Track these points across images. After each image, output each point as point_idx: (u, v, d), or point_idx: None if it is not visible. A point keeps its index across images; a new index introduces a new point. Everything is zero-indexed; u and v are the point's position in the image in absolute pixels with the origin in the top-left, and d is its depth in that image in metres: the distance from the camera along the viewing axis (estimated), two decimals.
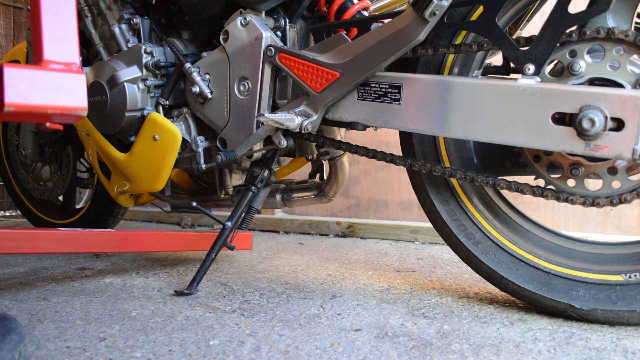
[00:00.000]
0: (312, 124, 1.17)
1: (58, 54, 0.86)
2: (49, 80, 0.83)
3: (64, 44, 0.87)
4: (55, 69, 0.85)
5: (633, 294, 0.99)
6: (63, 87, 0.84)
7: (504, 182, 1.06)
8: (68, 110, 0.84)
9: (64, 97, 0.84)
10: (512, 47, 0.99)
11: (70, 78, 0.85)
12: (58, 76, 0.84)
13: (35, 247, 1.29)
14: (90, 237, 1.36)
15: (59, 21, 0.87)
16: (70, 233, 1.33)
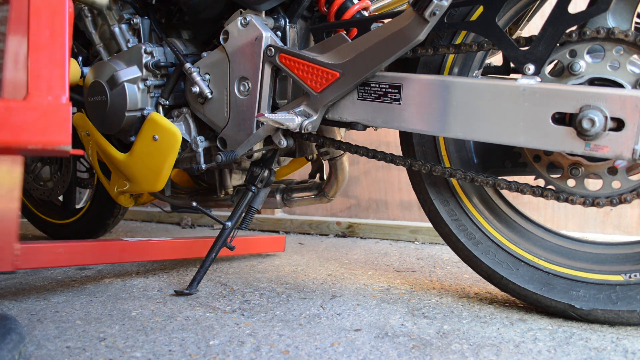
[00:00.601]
0: (312, 124, 1.17)
1: (44, 87, 0.82)
2: (31, 116, 0.79)
3: (51, 74, 0.82)
4: (39, 104, 0.81)
5: (633, 294, 0.99)
6: (46, 122, 0.80)
7: (504, 182, 1.06)
8: (50, 146, 0.81)
9: (46, 133, 0.80)
10: (512, 47, 0.99)
11: (55, 113, 0.81)
12: (41, 111, 0.80)
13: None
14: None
15: (49, 48, 0.83)
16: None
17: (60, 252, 1.26)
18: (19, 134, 0.79)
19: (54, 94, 0.81)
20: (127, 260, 1.40)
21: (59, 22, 0.84)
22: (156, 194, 1.56)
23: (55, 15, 0.84)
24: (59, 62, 0.83)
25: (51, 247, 1.24)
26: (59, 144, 0.81)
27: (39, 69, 0.82)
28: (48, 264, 1.24)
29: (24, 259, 1.19)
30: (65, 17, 0.85)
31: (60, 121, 0.81)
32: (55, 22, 0.84)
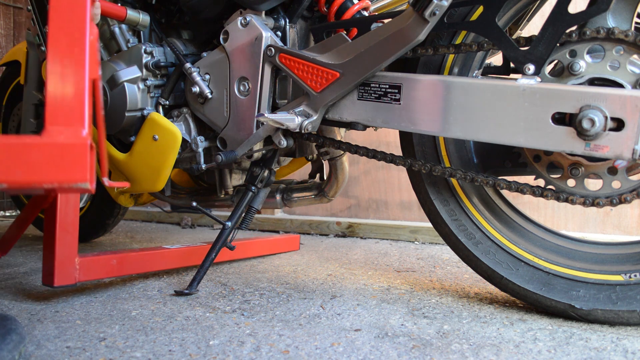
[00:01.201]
0: (312, 124, 1.17)
1: (62, 120, 0.77)
2: (46, 153, 0.75)
3: (70, 107, 0.77)
4: (55, 140, 0.76)
5: (633, 294, 0.99)
6: (62, 159, 0.76)
7: (504, 182, 1.06)
8: (67, 184, 0.76)
9: (62, 171, 0.76)
10: (512, 47, 0.99)
11: (71, 148, 0.76)
12: (57, 148, 0.75)
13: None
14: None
15: (67, 79, 0.78)
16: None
17: (114, 263, 1.29)
18: (33, 173, 0.75)
19: (72, 127, 0.77)
20: (170, 267, 1.45)
21: (79, 50, 0.80)
22: (156, 194, 1.56)
23: (75, 44, 0.80)
24: (78, 92, 0.79)
25: (106, 259, 1.28)
26: (76, 181, 0.76)
27: (56, 101, 0.78)
28: (104, 274, 1.28)
29: (83, 272, 1.22)
30: (86, 45, 0.81)
31: (77, 157, 0.76)
32: (74, 50, 0.80)
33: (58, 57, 0.79)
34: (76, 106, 0.78)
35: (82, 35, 0.81)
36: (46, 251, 1.19)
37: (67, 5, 0.81)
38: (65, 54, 0.80)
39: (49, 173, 0.75)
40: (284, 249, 1.85)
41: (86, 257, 1.24)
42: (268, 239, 1.81)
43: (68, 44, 0.80)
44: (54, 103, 0.78)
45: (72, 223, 1.20)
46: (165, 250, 1.44)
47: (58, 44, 0.80)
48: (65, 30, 0.81)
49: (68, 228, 1.19)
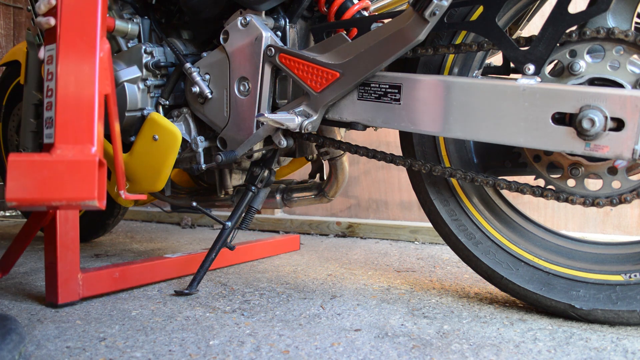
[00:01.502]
0: (312, 124, 1.17)
1: (71, 138, 0.77)
2: (54, 171, 0.75)
3: (79, 125, 0.77)
4: (64, 158, 0.75)
5: (633, 294, 0.99)
6: (70, 177, 0.75)
7: (504, 182, 1.06)
8: (75, 202, 0.76)
9: (70, 189, 0.75)
10: (512, 47, 0.99)
11: (79, 166, 0.75)
12: (65, 166, 0.75)
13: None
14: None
15: (77, 96, 0.77)
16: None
17: (116, 276, 1.30)
18: (42, 191, 0.74)
19: (80, 145, 0.76)
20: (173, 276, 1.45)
21: (89, 68, 0.79)
22: (156, 194, 1.56)
23: (85, 61, 0.79)
24: (88, 110, 0.78)
25: (108, 273, 1.28)
26: (84, 199, 0.76)
27: (66, 118, 0.77)
28: (107, 288, 1.28)
29: (86, 287, 1.22)
30: (96, 62, 0.80)
31: (85, 175, 0.75)
32: (84, 67, 0.79)
33: (68, 73, 0.79)
34: (85, 124, 0.77)
35: (93, 52, 0.80)
36: (48, 269, 1.19)
37: (77, 22, 0.80)
38: (75, 70, 0.79)
39: (57, 191, 0.74)
40: (284, 249, 1.86)
41: (88, 272, 1.24)
42: (268, 241, 1.81)
43: (78, 61, 0.79)
44: (64, 121, 0.77)
45: (73, 240, 1.21)
46: (167, 260, 1.45)
47: (68, 59, 0.79)
48: (76, 46, 0.80)
49: (69, 245, 1.20)
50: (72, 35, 0.80)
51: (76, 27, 0.81)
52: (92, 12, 0.82)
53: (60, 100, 0.78)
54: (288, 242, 1.89)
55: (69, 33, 0.80)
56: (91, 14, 0.82)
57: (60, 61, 0.78)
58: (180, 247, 1.99)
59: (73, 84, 0.79)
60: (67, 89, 0.78)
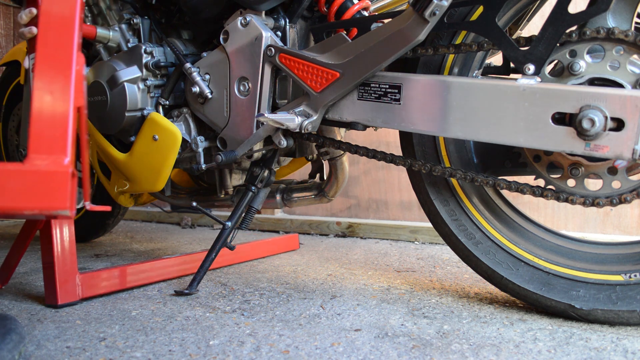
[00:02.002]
0: (312, 124, 1.17)
1: (45, 148, 0.78)
2: (27, 181, 0.76)
3: (53, 136, 0.78)
4: (37, 168, 0.77)
5: (633, 294, 0.99)
6: (43, 187, 0.77)
7: (504, 182, 1.06)
8: (47, 211, 0.77)
9: (43, 198, 0.77)
10: (512, 47, 0.99)
11: (53, 177, 0.77)
12: (38, 175, 0.76)
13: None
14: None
15: (52, 107, 0.79)
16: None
17: (116, 276, 1.30)
18: (14, 200, 0.75)
19: (54, 155, 0.78)
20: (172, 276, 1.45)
21: (64, 80, 0.80)
22: (156, 194, 1.56)
23: (61, 73, 0.81)
24: (62, 121, 0.79)
25: (107, 273, 1.29)
26: (57, 209, 0.77)
27: (40, 129, 0.78)
28: (106, 289, 1.28)
29: (85, 288, 1.22)
30: (72, 75, 0.81)
31: (58, 185, 0.77)
32: (59, 80, 0.80)
33: (44, 85, 0.80)
34: (59, 135, 0.78)
35: (69, 65, 0.81)
36: (46, 269, 1.19)
37: (54, 35, 0.82)
38: (51, 82, 0.80)
39: (30, 200, 0.75)
40: (283, 248, 1.86)
41: (88, 273, 1.24)
42: (267, 241, 1.81)
43: (54, 74, 0.80)
44: (38, 131, 0.79)
45: (69, 239, 1.21)
46: (166, 260, 1.45)
47: (44, 73, 0.81)
48: (52, 59, 0.82)
49: (65, 244, 1.20)
50: (49, 50, 0.83)
51: (53, 42, 0.84)
52: (69, 27, 0.84)
53: (35, 112, 0.79)
54: (287, 241, 1.89)
55: (45, 47, 0.82)
56: (68, 29, 0.84)
57: (37, 74, 0.80)
58: (180, 247, 1.99)
59: (48, 96, 0.81)
60: (42, 101, 0.80)
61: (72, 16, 0.85)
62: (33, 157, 0.77)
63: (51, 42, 0.83)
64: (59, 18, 0.84)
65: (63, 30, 0.83)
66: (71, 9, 0.85)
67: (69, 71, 0.82)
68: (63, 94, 0.81)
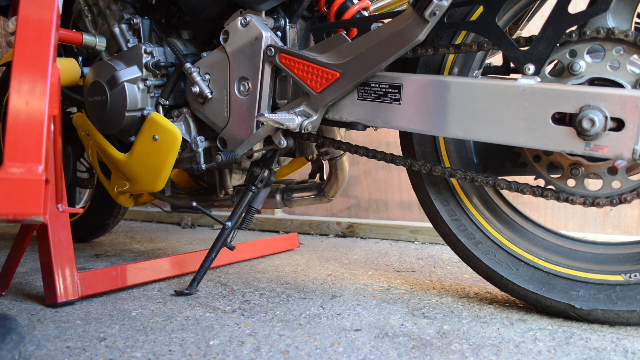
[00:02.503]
0: (312, 124, 1.17)
1: (20, 156, 0.81)
2: (2, 188, 0.79)
3: (28, 145, 0.81)
4: (11, 176, 0.80)
5: (633, 294, 0.99)
6: (17, 194, 0.80)
7: (504, 182, 1.06)
8: (21, 217, 0.80)
9: (17, 204, 0.79)
10: (512, 47, 0.99)
11: (26, 184, 0.80)
12: (12, 182, 0.79)
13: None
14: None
15: (27, 116, 0.82)
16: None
17: (114, 275, 1.31)
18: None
19: (28, 164, 0.80)
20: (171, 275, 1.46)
21: (40, 90, 0.84)
22: (156, 194, 1.56)
23: (36, 83, 0.84)
24: (37, 130, 0.82)
25: (106, 271, 1.29)
26: (31, 215, 0.80)
27: (15, 137, 0.81)
28: (106, 287, 1.29)
29: (84, 286, 1.23)
30: (47, 85, 0.84)
31: (32, 192, 0.79)
32: (35, 89, 0.83)
33: (20, 95, 0.83)
34: (34, 144, 0.82)
35: (44, 76, 0.84)
36: (44, 269, 1.19)
37: (30, 46, 0.85)
38: (27, 93, 0.83)
39: (4, 207, 0.78)
40: (282, 247, 1.86)
41: (86, 272, 1.24)
42: (266, 240, 1.81)
43: (30, 83, 0.83)
44: (14, 139, 0.82)
45: (66, 238, 1.21)
46: (166, 259, 1.45)
47: (20, 83, 0.83)
48: (28, 70, 0.85)
49: (62, 243, 1.20)
50: (25, 60, 0.87)
51: (29, 52, 0.88)
52: (45, 39, 0.87)
53: (11, 121, 0.82)
54: (286, 240, 1.90)
55: (22, 58, 0.86)
56: (44, 40, 0.87)
57: (13, 83, 0.83)
58: (180, 247, 1.99)
59: (24, 105, 0.83)
60: (18, 110, 0.83)
61: (49, 28, 0.88)
62: (8, 164, 0.80)
63: (28, 53, 0.86)
64: (36, 29, 0.87)
65: (39, 41, 0.87)
66: (47, 21, 0.88)
67: (44, 82, 0.85)
68: (39, 104, 0.84)
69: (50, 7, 0.88)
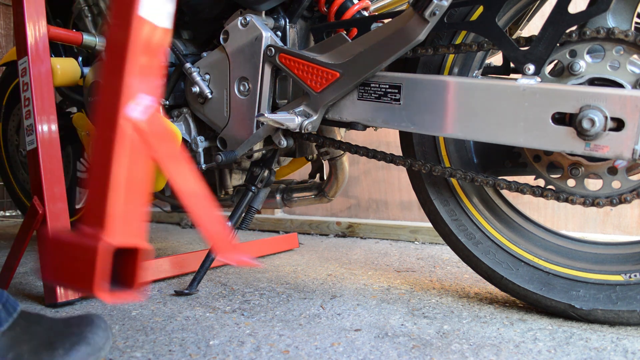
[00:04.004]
0: (312, 124, 1.17)
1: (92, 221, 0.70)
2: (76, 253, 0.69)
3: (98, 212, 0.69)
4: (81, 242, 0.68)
5: (633, 294, 0.99)
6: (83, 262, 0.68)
7: (504, 182, 1.06)
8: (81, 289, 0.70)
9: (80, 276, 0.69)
10: (512, 47, 0.99)
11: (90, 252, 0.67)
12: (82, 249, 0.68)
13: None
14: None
15: (100, 188, 0.69)
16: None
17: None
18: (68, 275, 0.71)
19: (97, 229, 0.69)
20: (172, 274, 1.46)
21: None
22: (156, 194, 1.56)
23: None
24: (106, 198, 0.69)
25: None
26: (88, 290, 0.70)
27: (90, 203, 0.71)
28: None
29: None
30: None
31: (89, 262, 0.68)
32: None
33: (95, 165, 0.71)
34: (102, 211, 0.69)
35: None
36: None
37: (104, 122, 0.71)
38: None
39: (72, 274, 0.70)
40: (282, 247, 1.86)
41: None
42: (266, 240, 1.82)
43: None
44: (90, 205, 0.71)
45: None
46: (166, 259, 1.45)
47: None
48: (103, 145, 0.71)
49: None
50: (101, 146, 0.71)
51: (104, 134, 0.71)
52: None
53: (91, 187, 0.71)
54: (286, 240, 1.90)
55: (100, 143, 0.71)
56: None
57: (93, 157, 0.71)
58: (180, 247, 1.99)
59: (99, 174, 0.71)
60: (95, 178, 0.70)
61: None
62: (82, 228, 0.70)
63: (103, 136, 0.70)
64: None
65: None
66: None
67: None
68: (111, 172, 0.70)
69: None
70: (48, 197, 1.21)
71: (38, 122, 1.23)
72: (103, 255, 0.66)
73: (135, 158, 0.70)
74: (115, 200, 0.69)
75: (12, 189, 2.16)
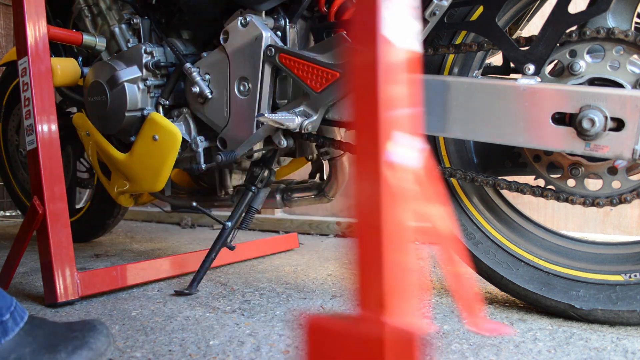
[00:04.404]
0: (312, 124, 1.17)
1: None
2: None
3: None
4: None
5: (633, 294, 0.99)
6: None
7: (504, 182, 1.06)
8: None
9: None
10: (512, 47, 0.99)
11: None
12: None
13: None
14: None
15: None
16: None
17: (114, 275, 1.31)
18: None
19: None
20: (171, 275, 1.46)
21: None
22: (156, 194, 1.56)
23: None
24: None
25: (106, 271, 1.29)
26: None
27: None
28: (106, 287, 1.28)
29: (84, 286, 1.23)
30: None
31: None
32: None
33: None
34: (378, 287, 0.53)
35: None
36: (44, 269, 1.19)
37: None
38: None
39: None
40: (282, 247, 1.86)
41: (86, 272, 1.24)
42: (266, 240, 1.82)
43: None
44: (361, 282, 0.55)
45: (66, 238, 1.21)
46: (166, 259, 1.45)
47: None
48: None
49: (62, 243, 1.20)
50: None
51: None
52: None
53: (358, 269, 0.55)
54: (286, 240, 1.90)
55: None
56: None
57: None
58: (180, 247, 1.98)
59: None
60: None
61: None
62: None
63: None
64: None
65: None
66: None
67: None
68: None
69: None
70: (48, 197, 1.21)
71: (38, 122, 1.23)
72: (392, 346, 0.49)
73: (404, 211, 0.55)
74: (391, 270, 0.53)
75: (12, 189, 2.16)
